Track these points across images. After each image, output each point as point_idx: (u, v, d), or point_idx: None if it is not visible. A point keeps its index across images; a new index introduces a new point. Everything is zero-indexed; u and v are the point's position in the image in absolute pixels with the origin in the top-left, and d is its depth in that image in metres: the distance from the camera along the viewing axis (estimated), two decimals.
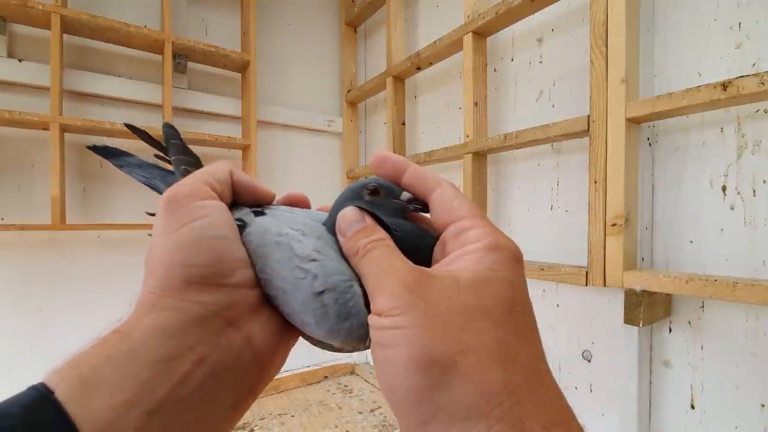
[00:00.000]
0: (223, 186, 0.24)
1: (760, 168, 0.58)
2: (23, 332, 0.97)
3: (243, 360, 0.20)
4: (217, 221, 0.21)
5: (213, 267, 0.20)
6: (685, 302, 0.66)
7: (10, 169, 0.96)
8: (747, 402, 0.60)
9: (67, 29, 0.97)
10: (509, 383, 0.16)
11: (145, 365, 0.17)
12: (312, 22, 1.45)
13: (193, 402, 0.17)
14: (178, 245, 0.20)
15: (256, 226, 0.24)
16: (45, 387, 0.16)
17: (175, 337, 0.18)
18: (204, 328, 0.19)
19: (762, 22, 0.58)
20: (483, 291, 0.18)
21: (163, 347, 0.17)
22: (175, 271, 0.20)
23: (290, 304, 0.21)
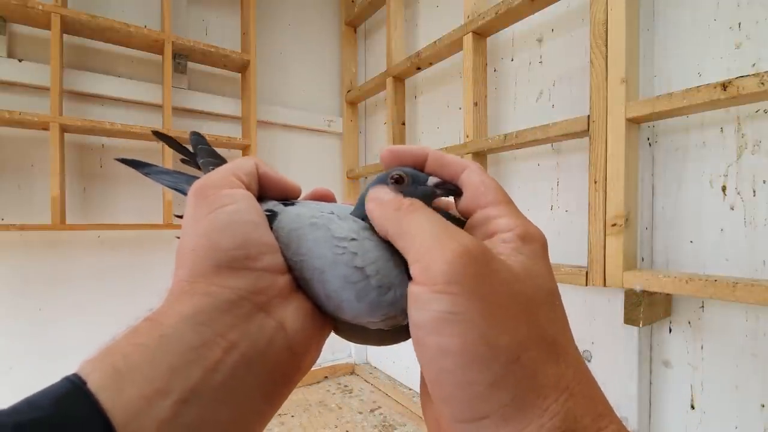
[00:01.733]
0: (249, 178, 0.24)
1: (760, 168, 0.58)
2: (23, 332, 0.97)
3: (275, 346, 0.19)
4: (245, 207, 0.21)
5: (241, 250, 0.20)
6: (685, 302, 0.66)
7: (10, 169, 0.96)
8: (747, 402, 0.60)
9: (67, 29, 0.97)
10: (563, 377, 0.16)
11: (177, 353, 0.16)
12: (312, 22, 1.45)
13: (225, 391, 0.17)
14: (207, 231, 0.20)
15: (287, 214, 0.24)
16: (78, 377, 0.15)
17: (205, 323, 0.17)
18: (234, 314, 0.18)
19: (762, 22, 0.58)
20: (532, 282, 0.17)
21: (193, 334, 0.17)
22: (205, 256, 0.19)
23: (328, 283, 0.20)
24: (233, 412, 0.17)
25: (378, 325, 0.20)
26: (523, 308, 0.16)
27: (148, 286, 1.12)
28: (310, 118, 1.41)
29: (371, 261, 0.20)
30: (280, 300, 0.20)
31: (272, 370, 0.19)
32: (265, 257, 0.20)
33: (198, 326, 0.17)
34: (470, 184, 0.21)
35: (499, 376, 0.15)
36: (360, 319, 0.20)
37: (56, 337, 1.01)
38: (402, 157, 0.24)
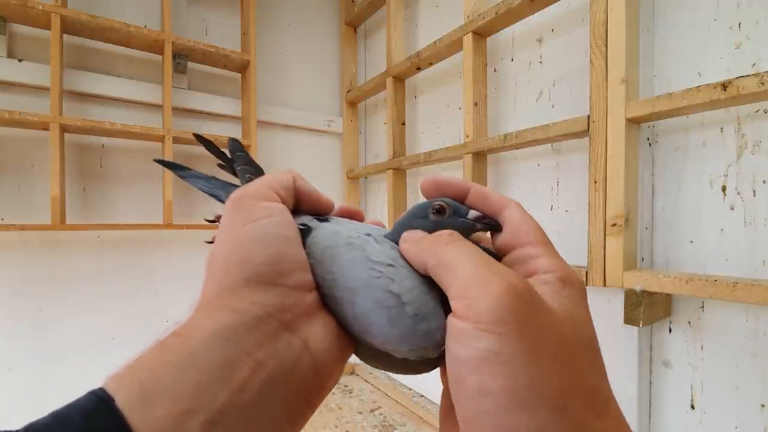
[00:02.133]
0: (286, 192, 0.24)
1: (760, 168, 0.58)
2: (23, 333, 0.97)
3: (301, 366, 0.19)
4: (281, 221, 0.21)
5: (273, 266, 0.19)
6: (685, 302, 0.66)
7: (10, 169, 0.96)
8: (747, 402, 0.60)
9: (67, 29, 0.97)
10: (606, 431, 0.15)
11: (205, 371, 0.16)
12: (312, 22, 1.45)
13: (251, 411, 0.16)
14: (241, 242, 0.20)
15: (323, 230, 0.23)
16: (105, 393, 0.15)
17: (233, 341, 0.17)
18: (261, 332, 0.18)
19: (762, 22, 0.58)
20: (575, 326, 0.17)
21: (221, 352, 0.16)
22: (236, 268, 0.19)
23: (358, 305, 0.20)
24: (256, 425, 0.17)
25: (405, 354, 0.20)
26: (569, 353, 0.16)
27: (149, 286, 1.12)
28: (310, 118, 1.41)
29: (408, 289, 0.20)
30: (305, 318, 0.20)
31: (297, 389, 0.18)
32: (295, 274, 0.20)
33: (225, 343, 0.17)
34: (511, 221, 0.21)
35: (544, 424, 0.14)
36: (387, 346, 0.20)
37: (56, 337, 1.01)
38: (444, 189, 0.24)
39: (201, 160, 1.21)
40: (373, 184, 1.47)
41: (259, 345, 0.17)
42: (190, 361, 0.16)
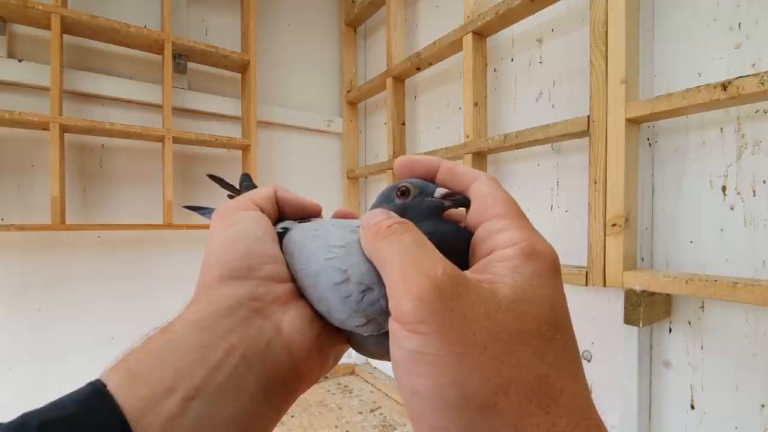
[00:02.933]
0: (265, 201, 0.26)
1: (759, 168, 0.58)
2: (23, 332, 0.97)
3: (273, 348, 0.20)
4: (252, 225, 0.23)
5: (243, 261, 0.21)
6: (685, 302, 0.66)
7: (10, 169, 0.96)
8: (747, 402, 0.60)
9: (67, 29, 0.97)
10: (553, 427, 0.14)
11: (182, 355, 0.18)
12: (312, 22, 1.45)
13: (228, 389, 0.18)
14: (217, 247, 0.22)
15: (299, 228, 0.25)
16: (100, 382, 0.17)
17: (207, 328, 0.19)
18: (232, 318, 0.20)
19: (762, 22, 0.58)
20: (523, 311, 0.15)
21: (196, 337, 0.18)
22: (213, 268, 0.22)
23: (319, 286, 0.21)
24: (235, 409, 0.18)
25: (365, 329, 0.20)
26: (504, 345, 0.15)
27: (148, 286, 1.12)
28: (310, 118, 1.41)
29: (353, 264, 0.20)
30: (278, 305, 0.21)
31: (272, 370, 0.20)
32: (265, 267, 0.22)
33: (201, 330, 0.19)
34: (478, 196, 0.20)
35: (472, 424, 0.14)
36: (346, 323, 0.21)
37: (56, 337, 1.01)
38: (414, 167, 0.24)
39: (201, 160, 1.21)
40: (373, 184, 1.47)
41: (232, 330, 0.19)
42: (170, 348, 0.18)
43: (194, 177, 1.19)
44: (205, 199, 1.20)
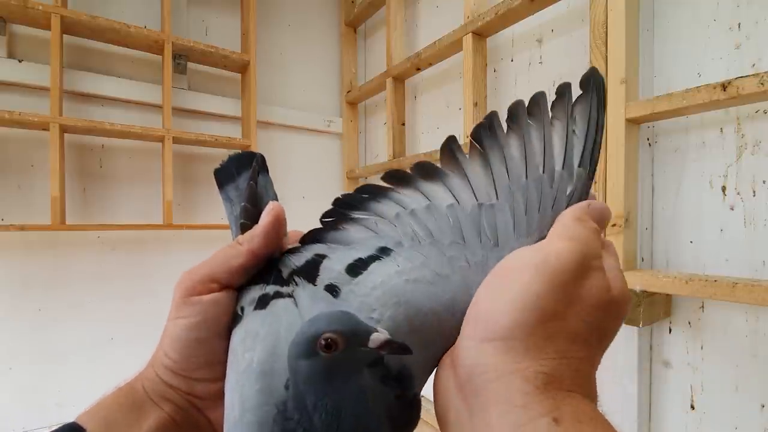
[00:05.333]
0: (230, 276, 0.26)
1: (759, 168, 0.58)
2: (23, 333, 0.97)
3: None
4: (196, 323, 0.24)
5: (180, 363, 0.25)
6: (685, 302, 0.66)
7: (10, 169, 0.96)
8: (747, 402, 0.60)
9: (67, 30, 0.97)
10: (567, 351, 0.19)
11: (142, 417, 0.23)
12: (312, 22, 1.45)
13: None
14: (165, 336, 0.25)
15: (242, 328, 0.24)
16: (78, 425, 0.22)
17: (157, 404, 0.24)
18: (174, 403, 0.25)
19: (762, 22, 0.58)
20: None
21: (152, 409, 0.24)
22: (161, 356, 0.25)
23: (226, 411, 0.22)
24: None
25: None
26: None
27: (148, 286, 1.12)
28: (310, 118, 1.41)
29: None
30: (211, 401, 0.25)
31: None
32: (201, 370, 0.25)
33: (152, 404, 0.24)
34: None
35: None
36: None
37: (56, 337, 1.00)
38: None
39: (201, 160, 1.21)
40: None
41: (174, 411, 0.24)
42: (134, 408, 0.24)
43: (194, 177, 1.19)
44: (206, 199, 1.20)
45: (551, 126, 0.26)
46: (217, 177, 0.33)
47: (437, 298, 0.22)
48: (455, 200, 0.26)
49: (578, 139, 0.25)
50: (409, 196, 0.27)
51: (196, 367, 0.25)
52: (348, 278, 0.24)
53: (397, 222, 0.26)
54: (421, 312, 0.22)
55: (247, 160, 0.33)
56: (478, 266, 0.22)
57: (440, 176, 0.27)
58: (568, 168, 0.24)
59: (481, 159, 0.27)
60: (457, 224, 0.24)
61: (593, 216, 0.23)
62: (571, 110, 0.26)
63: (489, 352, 0.18)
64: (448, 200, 0.26)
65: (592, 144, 0.25)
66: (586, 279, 0.19)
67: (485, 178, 0.26)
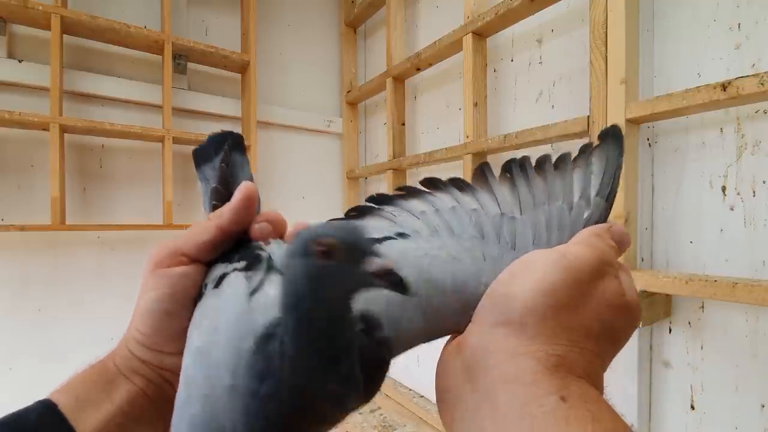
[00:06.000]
0: (198, 251, 0.26)
1: (759, 168, 0.58)
2: (23, 332, 0.97)
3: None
4: (164, 294, 0.25)
5: (151, 337, 0.25)
6: (685, 302, 0.66)
7: (10, 169, 0.96)
8: (747, 403, 0.60)
9: (67, 30, 0.97)
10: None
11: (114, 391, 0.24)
12: (312, 22, 1.45)
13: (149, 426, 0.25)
14: (136, 311, 0.26)
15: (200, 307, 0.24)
16: (50, 401, 0.23)
17: (129, 378, 0.25)
18: (144, 377, 0.25)
19: (761, 22, 0.58)
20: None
21: (122, 383, 0.25)
22: (132, 331, 0.26)
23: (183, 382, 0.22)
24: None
25: None
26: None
27: None
28: (310, 118, 1.41)
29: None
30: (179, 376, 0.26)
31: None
32: (171, 344, 0.25)
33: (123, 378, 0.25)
34: None
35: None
36: None
37: (56, 337, 1.01)
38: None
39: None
40: (373, 184, 1.47)
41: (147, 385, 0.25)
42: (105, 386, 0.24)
43: (194, 177, 1.19)
44: None
45: (572, 172, 0.29)
46: (195, 157, 0.34)
47: (450, 274, 0.22)
48: (481, 207, 0.28)
49: (595, 176, 0.27)
50: (440, 199, 0.29)
51: (166, 341, 0.25)
52: None
53: (421, 216, 0.27)
54: (431, 279, 0.22)
55: (225, 141, 0.33)
56: (494, 261, 0.23)
57: (471, 189, 0.29)
58: (585, 198, 0.26)
59: (510, 184, 0.29)
60: (479, 224, 0.26)
61: (613, 237, 0.24)
62: (589, 157, 0.29)
63: (501, 335, 0.18)
64: (473, 205, 0.28)
65: (609, 179, 0.27)
66: (601, 280, 0.20)
67: (511, 198, 0.28)
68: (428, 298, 0.22)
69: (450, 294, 0.22)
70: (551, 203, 0.26)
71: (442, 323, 0.22)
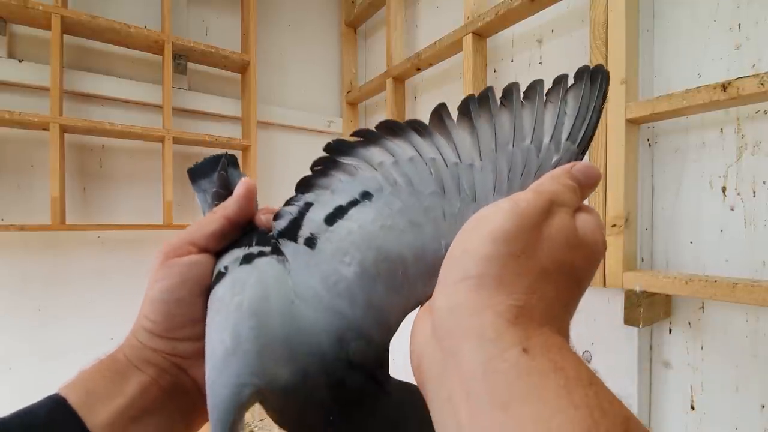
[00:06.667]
0: (208, 240, 0.27)
1: (759, 169, 0.58)
2: (23, 332, 0.97)
3: (191, 393, 0.26)
4: (176, 283, 0.25)
5: (162, 324, 0.25)
6: (685, 303, 0.66)
7: (10, 169, 0.96)
8: (747, 403, 0.60)
9: (68, 30, 0.97)
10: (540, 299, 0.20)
11: (125, 383, 0.24)
12: (312, 22, 1.45)
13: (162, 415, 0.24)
14: (145, 302, 0.26)
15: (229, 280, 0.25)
16: (59, 396, 0.22)
17: (140, 368, 0.25)
18: (157, 366, 0.25)
19: (761, 23, 0.58)
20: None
21: (133, 374, 0.24)
22: (142, 320, 0.26)
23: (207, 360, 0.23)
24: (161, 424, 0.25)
25: None
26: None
27: None
28: (310, 118, 1.41)
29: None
30: (194, 360, 0.26)
31: (190, 404, 0.26)
32: (183, 330, 0.25)
33: (135, 370, 0.25)
34: None
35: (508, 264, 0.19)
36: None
37: (56, 337, 1.00)
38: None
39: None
40: None
41: (159, 375, 0.25)
42: (116, 378, 0.24)
43: None
44: None
45: (544, 107, 0.27)
46: (192, 175, 0.37)
47: (408, 245, 0.23)
48: (440, 156, 0.27)
49: (569, 117, 0.26)
50: (399, 146, 0.28)
51: (179, 326, 0.25)
52: (325, 227, 0.25)
53: (380, 169, 0.27)
54: (389, 258, 0.23)
55: (220, 160, 0.36)
56: (454, 218, 0.23)
57: (430, 135, 0.28)
58: (556, 142, 0.25)
59: (469, 126, 0.28)
60: (438, 177, 0.25)
61: (576, 176, 0.23)
62: (564, 94, 0.27)
63: (462, 291, 0.18)
64: (432, 154, 0.27)
65: (582, 122, 0.25)
66: (551, 220, 0.20)
67: (471, 142, 0.27)
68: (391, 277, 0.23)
69: (411, 265, 0.23)
70: (518, 144, 0.25)
71: (413, 293, 0.23)
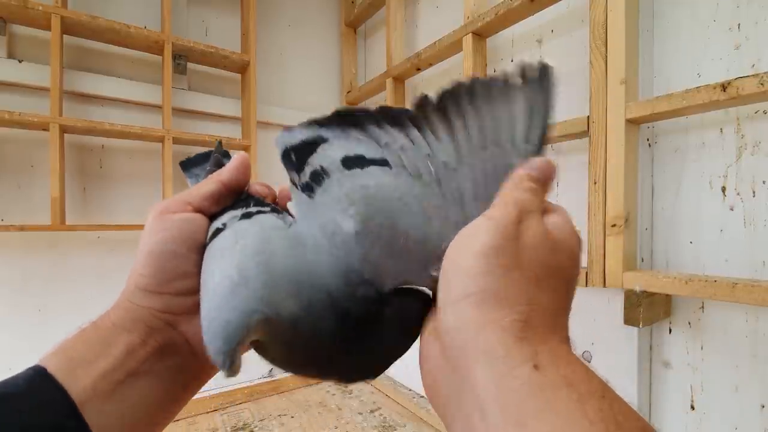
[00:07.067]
0: (202, 200, 0.27)
1: (759, 169, 0.58)
2: (23, 332, 0.97)
3: (182, 352, 0.25)
4: (171, 236, 0.25)
5: (154, 277, 0.25)
6: (685, 303, 0.66)
7: (10, 169, 0.96)
8: (747, 403, 0.60)
9: (67, 30, 0.97)
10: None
11: (111, 345, 0.23)
12: (312, 22, 1.45)
13: (142, 371, 0.23)
14: (138, 257, 0.25)
15: (229, 232, 0.24)
16: (39, 366, 0.22)
17: (127, 329, 0.24)
18: (147, 325, 0.24)
19: (761, 23, 0.58)
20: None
21: (119, 337, 0.23)
22: (133, 278, 0.25)
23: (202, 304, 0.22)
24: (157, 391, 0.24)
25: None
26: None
27: None
28: None
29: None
30: (186, 316, 0.25)
31: (180, 364, 0.25)
32: (175, 283, 0.25)
33: (121, 331, 0.24)
34: None
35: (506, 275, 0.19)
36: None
37: (56, 337, 0.99)
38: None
39: None
40: None
41: (148, 335, 0.24)
42: (99, 341, 0.23)
43: None
44: None
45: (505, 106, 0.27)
46: (184, 165, 0.38)
47: (416, 227, 0.23)
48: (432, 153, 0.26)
49: (521, 121, 0.26)
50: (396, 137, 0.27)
51: (172, 278, 0.25)
52: (341, 168, 0.25)
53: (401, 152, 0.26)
54: (395, 229, 0.23)
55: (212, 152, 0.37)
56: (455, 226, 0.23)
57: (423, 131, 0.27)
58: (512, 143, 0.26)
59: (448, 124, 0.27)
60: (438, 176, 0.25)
61: (535, 177, 0.24)
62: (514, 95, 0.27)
63: (465, 309, 0.19)
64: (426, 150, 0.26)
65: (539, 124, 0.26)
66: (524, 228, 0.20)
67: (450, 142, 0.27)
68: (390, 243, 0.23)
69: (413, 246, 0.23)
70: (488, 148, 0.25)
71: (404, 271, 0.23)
